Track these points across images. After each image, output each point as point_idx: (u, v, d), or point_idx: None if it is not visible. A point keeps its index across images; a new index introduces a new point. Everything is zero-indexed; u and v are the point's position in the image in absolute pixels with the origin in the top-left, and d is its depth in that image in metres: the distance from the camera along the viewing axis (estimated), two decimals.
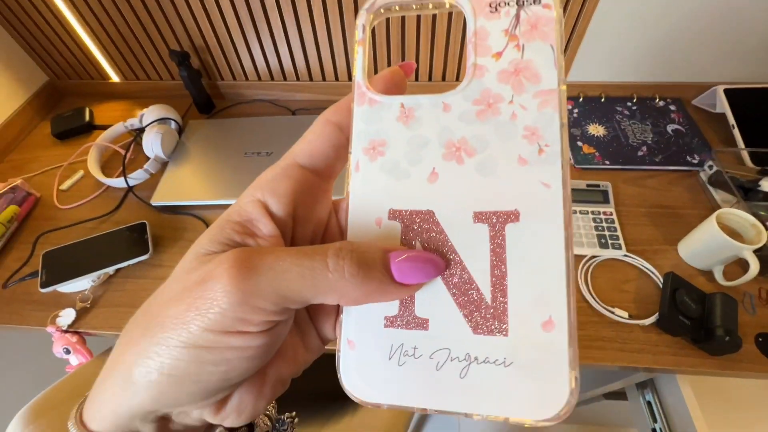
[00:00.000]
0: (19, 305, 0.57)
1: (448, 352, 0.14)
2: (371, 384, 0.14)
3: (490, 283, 0.14)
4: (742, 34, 0.70)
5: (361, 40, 0.16)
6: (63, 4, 0.74)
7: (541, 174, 0.14)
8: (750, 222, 0.52)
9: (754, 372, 0.47)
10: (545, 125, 0.14)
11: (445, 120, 0.15)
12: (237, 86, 0.87)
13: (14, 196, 0.66)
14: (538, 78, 0.14)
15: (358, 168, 0.16)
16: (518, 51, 0.14)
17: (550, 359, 0.13)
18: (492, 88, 0.15)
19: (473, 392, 0.13)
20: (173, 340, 0.12)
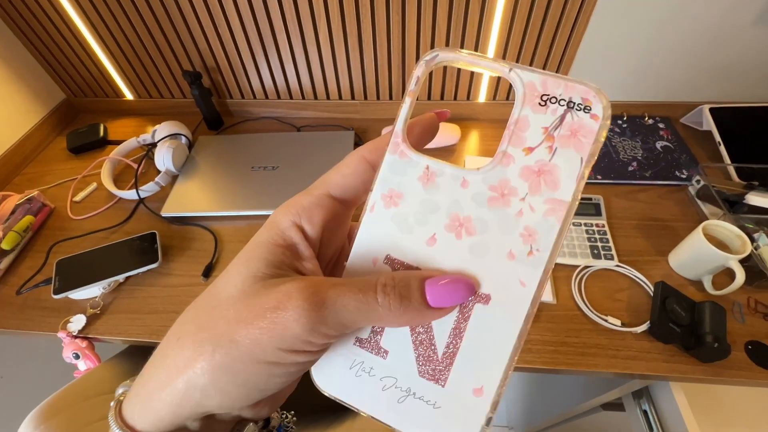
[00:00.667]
0: (31, 311, 0.59)
1: (395, 381, 0.16)
2: (331, 381, 0.17)
3: (446, 344, 0.16)
4: (725, 56, 0.74)
5: (413, 92, 0.16)
6: (83, 24, 0.79)
7: (523, 273, 0.15)
8: (735, 233, 0.54)
9: (744, 378, 0.49)
10: (544, 232, 0.15)
11: (460, 194, 0.16)
12: (245, 104, 0.91)
13: (30, 206, 0.69)
14: (556, 186, 0.15)
15: (373, 209, 0.17)
16: (549, 153, 0.15)
17: (470, 417, 0.16)
18: (511, 181, 0.15)
19: (405, 416, 0.16)
20: (248, 357, 0.14)
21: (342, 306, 0.15)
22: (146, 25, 0.78)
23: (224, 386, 0.14)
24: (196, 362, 0.14)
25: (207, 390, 0.14)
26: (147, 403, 0.16)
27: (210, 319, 0.15)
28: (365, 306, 0.15)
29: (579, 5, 0.68)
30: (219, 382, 0.14)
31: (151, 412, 0.15)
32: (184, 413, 0.15)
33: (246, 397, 0.15)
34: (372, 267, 0.17)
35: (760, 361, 0.50)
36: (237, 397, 0.15)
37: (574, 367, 0.50)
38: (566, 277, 0.58)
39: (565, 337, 0.53)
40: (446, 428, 0.16)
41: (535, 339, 0.53)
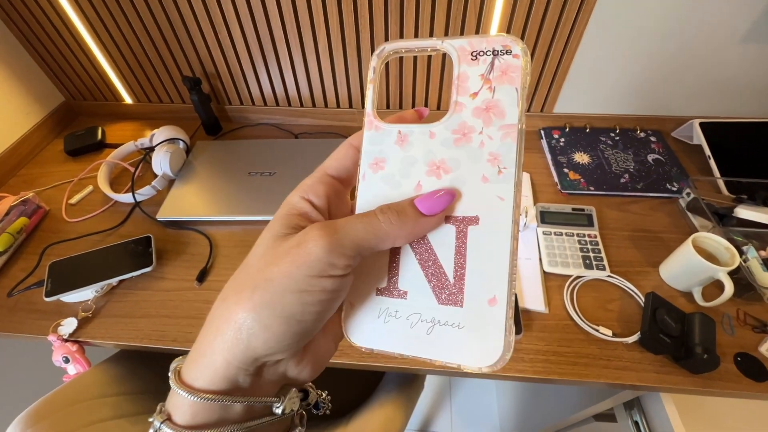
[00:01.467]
0: (22, 314, 0.59)
1: (419, 316, 0.19)
2: (364, 334, 0.20)
3: (453, 269, 0.19)
4: (714, 73, 0.76)
5: (372, 80, 0.20)
6: (84, 28, 0.80)
7: (498, 190, 0.18)
8: (724, 245, 0.55)
9: (733, 390, 0.49)
10: (505, 152, 0.18)
11: (431, 144, 0.19)
12: (243, 110, 0.92)
13: (25, 208, 0.69)
14: (503, 114, 0.18)
15: (364, 178, 0.20)
16: (490, 92, 0.18)
17: (491, 326, 0.18)
18: (467, 121, 0.18)
19: (436, 345, 0.18)
20: (282, 288, 0.16)
21: (352, 229, 0.17)
22: (147, 31, 0.79)
23: (266, 320, 0.16)
24: (238, 307, 0.16)
25: (252, 328, 0.16)
26: (201, 360, 0.17)
27: (246, 276, 0.17)
28: (370, 225, 0.17)
29: (572, 22, 0.69)
30: (262, 318, 0.16)
31: (206, 366, 0.17)
32: (235, 361, 0.17)
33: (287, 330, 0.17)
34: None
35: (749, 372, 0.50)
36: (279, 330, 0.16)
37: (566, 376, 0.50)
38: (558, 287, 0.59)
39: (557, 347, 0.53)
40: (474, 342, 0.18)
41: (527, 348, 0.53)
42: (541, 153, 0.81)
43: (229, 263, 0.64)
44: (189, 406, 0.17)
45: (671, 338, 0.50)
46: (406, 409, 0.58)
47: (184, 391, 0.17)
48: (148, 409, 0.56)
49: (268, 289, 0.16)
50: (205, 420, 0.17)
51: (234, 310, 0.17)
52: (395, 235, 0.18)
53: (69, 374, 0.57)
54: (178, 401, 0.17)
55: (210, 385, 0.17)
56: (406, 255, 0.20)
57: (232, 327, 0.16)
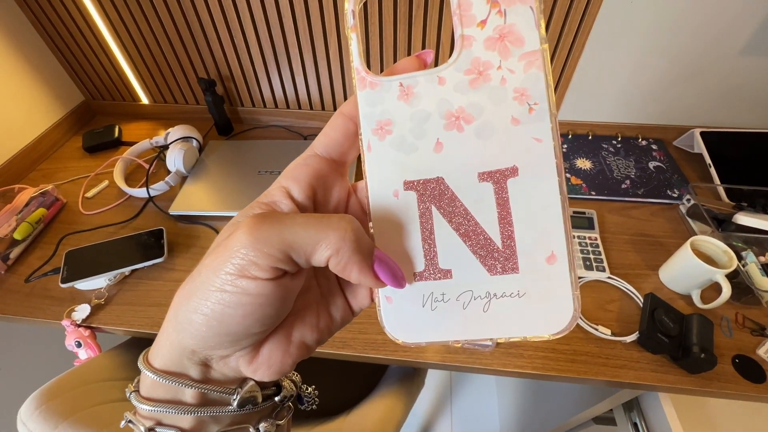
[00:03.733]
0: (37, 300, 0.61)
1: (471, 293, 0.17)
2: (410, 329, 0.17)
3: (499, 232, 0.16)
4: (715, 83, 0.78)
5: (353, 26, 0.16)
6: (107, 30, 0.84)
7: (533, 130, 0.15)
8: (722, 249, 0.56)
9: (731, 391, 0.49)
10: (532, 85, 0.15)
11: (442, 92, 0.16)
12: (255, 112, 0.95)
13: (44, 200, 0.72)
14: (521, 41, 0.15)
15: (370, 148, 0.17)
16: (501, 17, 0.15)
17: (556, 286, 0.16)
18: (481, 57, 0.15)
19: (495, 322, 0.16)
20: (207, 285, 0.15)
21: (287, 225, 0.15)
22: (166, 34, 0.83)
23: (188, 314, 0.15)
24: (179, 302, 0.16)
25: (179, 320, 0.16)
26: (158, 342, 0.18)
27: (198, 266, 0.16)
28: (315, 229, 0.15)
29: (575, 31, 0.72)
30: (185, 311, 0.16)
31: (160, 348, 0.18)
32: (175, 348, 0.17)
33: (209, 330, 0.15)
34: (396, 201, 0.17)
35: (746, 374, 0.51)
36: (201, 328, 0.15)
37: (564, 373, 0.51)
38: None
39: (556, 344, 0.54)
40: (539, 309, 0.16)
41: (527, 344, 0.54)
42: None
43: None
44: (149, 381, 0.18)
45: (669, 338, 0.51)
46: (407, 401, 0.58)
47: (142, 367, 0.18)
48: None
49: (194, 283, 0.15)
50: (160, 396, 0.18)
51: (177, 301, 0.16)
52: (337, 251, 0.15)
53: (80, 359, 0.58)
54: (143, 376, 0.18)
55: (160, 365, 0.17)
56: (440, 227, 0.17)
57: (171, 316, 0.17)
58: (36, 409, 0.43)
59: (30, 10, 0.82)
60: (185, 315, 0.16)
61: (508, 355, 0.53)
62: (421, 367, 0.55)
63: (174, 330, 0.16)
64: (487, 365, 0.52)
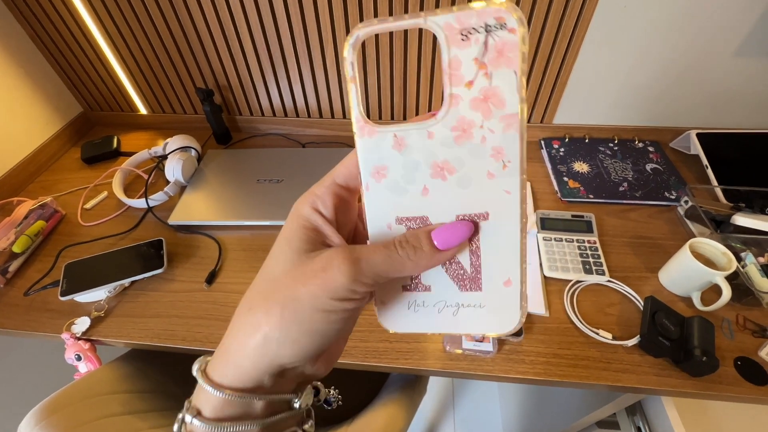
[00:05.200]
0: (37, 313, 0.61)
1: (444, 303, 0.21)
2: (398, 323, 0.22)
3: (470, 261, 0.20)
4: (710, 85, 0.78)
5: (353, 77, 0.18)
6: (104, 41, 0.84)
7: (505, 184, 0.18)
8: (721, 250, 0.56)
9: (734, 394, 0.49)
10: (508, 145, 0.17)
11: (430, 146, 0.18)
12: (253, 121, 0.95)
13: (43, 212, 0.72)
14: (503, 104, 0.17)
15: (368, 188, 0.20)
16: (487, 79, 0.16)
17: (509, 301, 0.20)
18: (466, 116, 0.17)
19: (462, 323, 0.21)
20: (310, 308, 0.18)
21: (373, 259, 0.18)
22: (163, 44, 0.83)
23: (295, 335, 0.18)
24: (269, 321, 0.18)
25: (281, 341, 0.18)
26: (229, 361, 0.19)
27: (273, 289, 0.19)
28: (389, 257, 0.19)
29: (570, 35, 0.72)
30: (291, 333, 0.18)
31: (234, 367, 0.19)
32: (262, 366, 0.18)
33: (312, 343, 0.18)
34: (390, 231, 0.21)
35: (749, 376, 0.51)
36: (305, 343, 0.18)
37: (566, 378, 0.51)
38: (558, 291, 0.60)
39: (558, 349, 0.54)
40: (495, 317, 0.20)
41: (528, 350, 0.54)
42: (542, 162, 0.84)
43: (237, 266, 0.66)
44: (216, 401, 0.18)
45: (670, 341, 0.51)
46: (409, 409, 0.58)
47: (212, 388, 0.18)
48: (157, 406, 0.57)
49: (296, 308, 0.18)
50: (230, 414, 0.19)
51: (263, 323, 0.18)
52: (412, 268, 0.19)
53: (80, 372, 0.58)
54: (206, 397, 0.19)
55: (236, 383, 0.18)
56: None
57: (261, 338, 0.18)
58: (36, 425, 0.43)
59: (27, 22, 0.82)
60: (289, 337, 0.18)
61: (509, 362, 0.53)
62: (422, 374, 0.55)
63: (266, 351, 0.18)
64: (488, 372, 0.52)
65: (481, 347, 0.53)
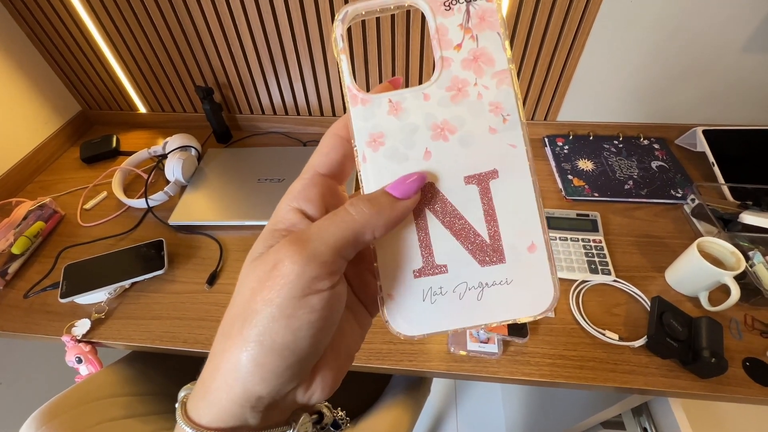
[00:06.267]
0: (37, 315, 0.60)
1: (465, 285, 0.19)
2: (413, 322, 0.19)
3: (486, 228, 0.18)
4: (717, 81, 0.77)
5: (343, 49, 0.18)
6: (102, 40, 0.83)
7: (508, 138, 0.18)
8: (729, 250, 0.55)
9: (742, 395, 0.49)
10: (505, 99, 0.18)
11: (427, 107, 0.18)
12: (254, 119, 0.94)
13: (42, 213, 0.71)
14: (492, 62, 0.18)
15: (365, 159, 0.18)
16: (473, 41, 0.18)
17: (538, 272, 0.18)
18: (459, 75, 0.18)
19: (489, 308, 0.18)
20: (267, 318, 0.15)
21: (324, 232, 0.16)
22: (162, 42, 0.82)
23: (258, 357, 0.15)
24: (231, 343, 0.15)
25: (246, 366, 0.15)
26: (206, 397, 0.16)
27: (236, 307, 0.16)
28: (343, 222, 0.16)
29: (574, 31, 0.71)
30: (253, 355, 0.15)
31: (212, 404, 0.16)
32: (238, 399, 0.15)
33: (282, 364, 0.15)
34: None
35: (758, 377, 0.50)
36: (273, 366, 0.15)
37: (572, 380, 0.50)
38: (564, 291, 0.59)
39: (563, 350, 0.53)
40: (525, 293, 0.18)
41: (533, 351, 0.53)
42: (546, 160, 0.83)
43: (238, 267, 0.65)
44: None
45: (678, 342, 0.50)
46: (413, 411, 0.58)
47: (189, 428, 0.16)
48: (158, 409, 0.57)
49: (253, 322, 0.15)
50: None
51: (228, 346, 0.15)
52: (373, 225, 0.16)
53: (81, 375, 0.58)
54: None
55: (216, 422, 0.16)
56: (434, 227, 0.19)
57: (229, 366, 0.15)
58: (37, 430, 0.42)
59: (24, 21, 0.81)
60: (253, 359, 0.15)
61: (515, 363, 0.52)
62: (426, 376, 0.54)
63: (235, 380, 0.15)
64: (493, 373, 0.51)
65: (486, 349, 0.53)
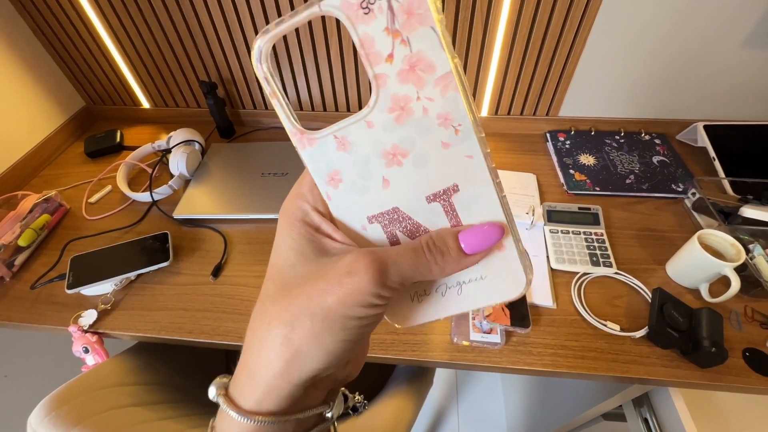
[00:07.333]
0: (43, 306, 0.61)
1: (446, 285, 0.21)
2: (406, 317, 0.22)
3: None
4: (717, 76, 0.77)
5: (273, 93, 0.17)
6: (107, 35, 0.84)
7: (463, 149, 0.17)
8: (729, 242, 0.56)
9: (742, 385, 0.49)
10: (453, 108, 0.16)
11: (373, 135, 0.17)
12: (257, 114, 0.95)
13: (47, 206, 0.72)
14: (432, 67, 0.15)
15: (329, 198, 0.19)
16: (405, 46, 0.15)
17: (509, 265, 0.19)
18: (398, 92, 0.16)
19: (469, 299, 0.20)
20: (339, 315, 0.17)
21: (400, 263, 0.18)
22: (166, 37, 0.82)
23: (328, 345, 0.17)
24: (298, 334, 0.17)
25: (314, 353, 0.17)
26: (257, 382, 0.18)
27: (291, 300, 0.18)
28: (417, 260, 0.18)
29: (576, 27, 0.72)
30: (324, 343, 0.17)
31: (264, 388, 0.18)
32: (295, 380, 0.18)
33: (344, 350, 0.18)
34: (366, 232, 0.20)
35: (757, 367, 0.50)
36: (338, 352, 0.18)
37: (574, 370, 0.51)
38: (566, 283, 0.60)
39: (565, 341, 0.54)
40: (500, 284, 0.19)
41: (536, 342, 0.54)
42: (547, 155, 0.83)
43: (242, 259, 0.66)
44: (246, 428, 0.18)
45: (679, 332, 0.51)
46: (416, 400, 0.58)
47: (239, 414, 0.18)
48: (164, 398, 0.57)
49: (326, 319, 0.17)
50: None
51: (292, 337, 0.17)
52: (438, 272, 0.18)
53: (87, 365, 0.58)
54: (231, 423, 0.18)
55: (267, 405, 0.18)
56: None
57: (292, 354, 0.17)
58: (46, 416, 0.43)
59: (29, 16, 0.82)
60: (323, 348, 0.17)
61: (517, 353, 0.53)
62: (429, 366, 0.55)
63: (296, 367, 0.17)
64: (496, 363, 0.52)
65: (488, 339, 0.53)
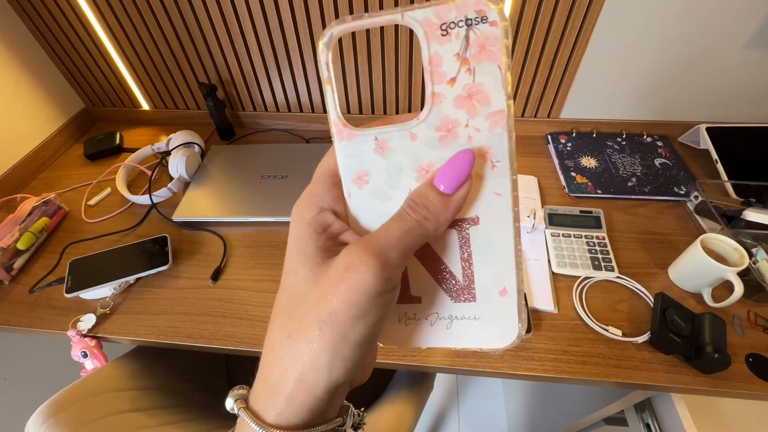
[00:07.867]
0: (42, 310, 0.60)
1: (437, 315, 0.20)
2: (391, 337, 0.21)
3: (461, 269, 0.19)
4: (720, 78, 0.77)
5: (328, 79, 0.17)
6: (106, 37, 0.83)
7: (494, 186, 0.17)
8: (732, 246, 0.55)
9: (745, 391, 0.49)
10: (496, 144, 0.16)
11: (414, 148, 0.17)
12: (257, 116, 0.94)
13: (46, 209, 0.71)
14: (488, 101, 0.16)
15: (350, 195, 0.19)
16: (470, 75, 0.16)
17: (505, 313, 0.19)
18: (450, 115, 0.16)
19: (456, 336, 0.20)
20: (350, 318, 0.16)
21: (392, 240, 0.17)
22: (165, 38, 0.82)
23: (344, 353, 0.17)
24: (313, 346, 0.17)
25: (332, 363, 0.17)
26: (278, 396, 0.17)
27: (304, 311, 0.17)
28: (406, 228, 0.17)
29: (578, 29, 0.71)
30: (340, 352, 0.16)
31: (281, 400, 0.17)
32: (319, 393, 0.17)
33: (360, 353, 0.17)
34: None
35: (761, 373, 0.50)
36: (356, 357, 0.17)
37: (576, 375, 0.51)
38: (567, 288, 0.59)
39: (567, 346, 0.53)
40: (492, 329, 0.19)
41: (537, 347, 0.53)
42: (549, 157, 0.83)
43: (242, 263, 0.66)
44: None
45: (681, 338, 0.51)
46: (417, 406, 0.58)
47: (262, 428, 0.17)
48: (163, 403, 0.57)
49: (337, 323, 0.16)
50: None
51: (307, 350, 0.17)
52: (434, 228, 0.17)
53: (86, 369, 0.58)
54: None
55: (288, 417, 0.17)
56: (413, 264, 0.19)
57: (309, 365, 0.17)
58: (44, 423, 0.43)
59: (28, 17, 0.81)
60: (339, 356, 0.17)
61: (518, 358, 0.52)
62: (429, 371, 0.54)
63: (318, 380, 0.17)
64: (497, 369, 0.52)
65: None
